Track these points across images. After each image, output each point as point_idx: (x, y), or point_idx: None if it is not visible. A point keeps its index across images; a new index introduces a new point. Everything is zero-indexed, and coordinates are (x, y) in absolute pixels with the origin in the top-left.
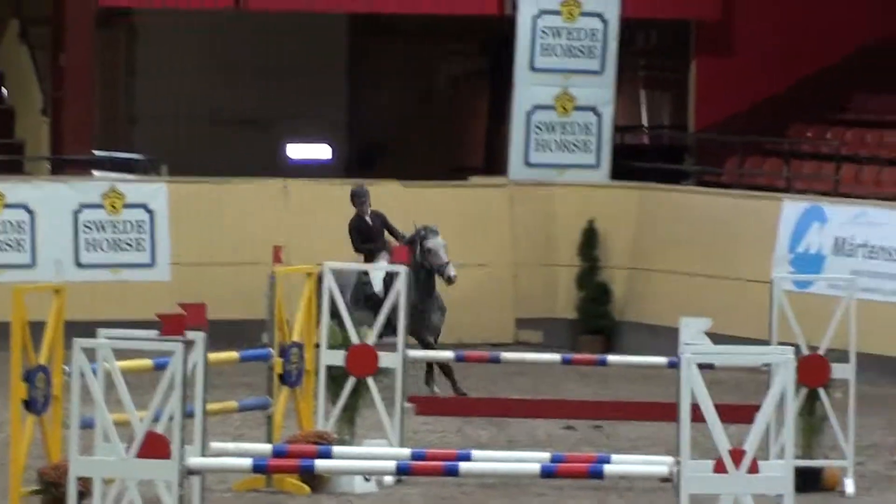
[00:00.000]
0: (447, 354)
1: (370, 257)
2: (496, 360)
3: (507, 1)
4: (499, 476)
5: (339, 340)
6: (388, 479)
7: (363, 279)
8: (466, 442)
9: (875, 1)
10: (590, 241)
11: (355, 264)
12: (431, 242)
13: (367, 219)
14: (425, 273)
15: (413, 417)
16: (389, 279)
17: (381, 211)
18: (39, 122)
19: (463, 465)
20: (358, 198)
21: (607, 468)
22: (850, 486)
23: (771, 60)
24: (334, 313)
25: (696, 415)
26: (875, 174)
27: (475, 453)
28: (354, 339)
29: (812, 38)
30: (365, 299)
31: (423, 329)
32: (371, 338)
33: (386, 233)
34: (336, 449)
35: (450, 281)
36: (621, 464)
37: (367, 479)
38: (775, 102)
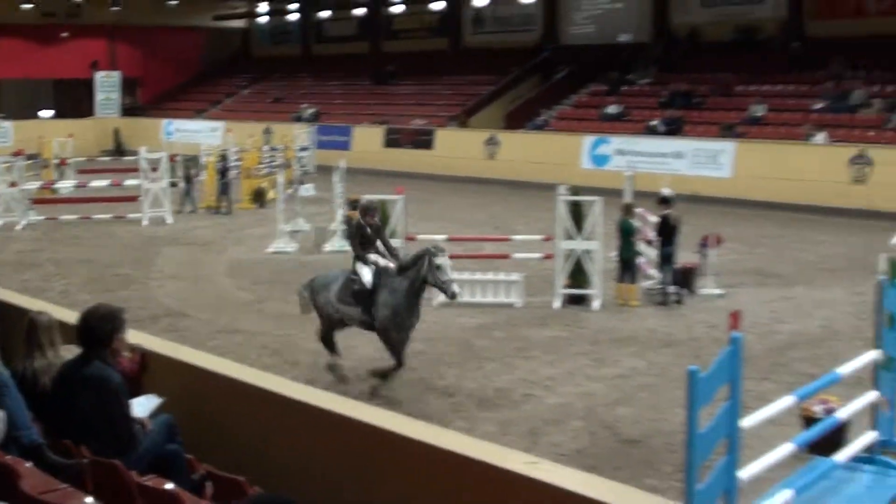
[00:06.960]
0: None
1: (363, 259)
2: None
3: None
4: None
5: None
6: None
7: (352, 277)
8: None
9: None
10: None
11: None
12: (442, 260)
13: (368, 229)
14: (420, 284)
15: None
16: (378, 276)
17: (378, 223)
18: None
19: None
20: (368, 211)
21: None
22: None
23: None
24: None
25: None
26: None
27: None
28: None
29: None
30: (353, 294)
31: (397, 327)
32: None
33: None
34: None
35: (454, 297)
36: None
37: None
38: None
